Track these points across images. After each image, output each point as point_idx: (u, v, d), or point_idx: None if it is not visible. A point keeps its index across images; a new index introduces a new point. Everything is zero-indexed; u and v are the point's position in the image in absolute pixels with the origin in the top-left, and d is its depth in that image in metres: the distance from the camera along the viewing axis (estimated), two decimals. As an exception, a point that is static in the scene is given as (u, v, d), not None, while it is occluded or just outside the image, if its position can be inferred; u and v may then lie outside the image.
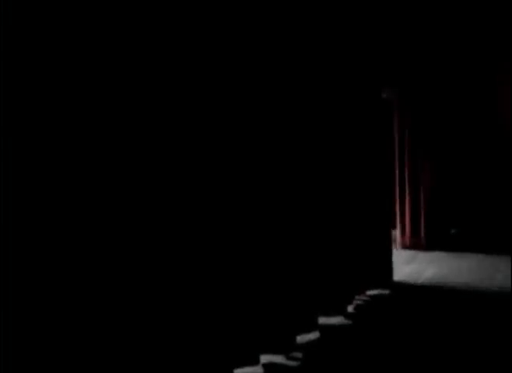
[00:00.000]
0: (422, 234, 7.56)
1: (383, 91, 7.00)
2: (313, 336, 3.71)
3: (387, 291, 4.86)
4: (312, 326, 3.67)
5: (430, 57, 7.48)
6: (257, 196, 3.19)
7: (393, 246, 7.51)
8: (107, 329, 2.30)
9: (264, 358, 3.33)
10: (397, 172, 7.58)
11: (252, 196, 3.15)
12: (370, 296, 4.69)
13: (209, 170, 2.86)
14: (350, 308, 4.32)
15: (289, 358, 3.31)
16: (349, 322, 3.97)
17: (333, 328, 3.86)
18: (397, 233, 7.62)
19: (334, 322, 4.01)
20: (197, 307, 2.78)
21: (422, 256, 6.74)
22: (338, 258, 4.09)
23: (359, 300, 4.57)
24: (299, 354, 3.36)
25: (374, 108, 4.72)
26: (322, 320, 4.06)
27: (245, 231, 3.09)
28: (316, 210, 3.80)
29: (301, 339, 3.65)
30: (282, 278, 3.37)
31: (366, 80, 4.59)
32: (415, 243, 7.55)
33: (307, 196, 3.70)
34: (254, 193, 3.17)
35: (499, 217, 7.52)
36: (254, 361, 3.12)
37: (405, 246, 7.53)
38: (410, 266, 6.11)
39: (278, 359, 3.31)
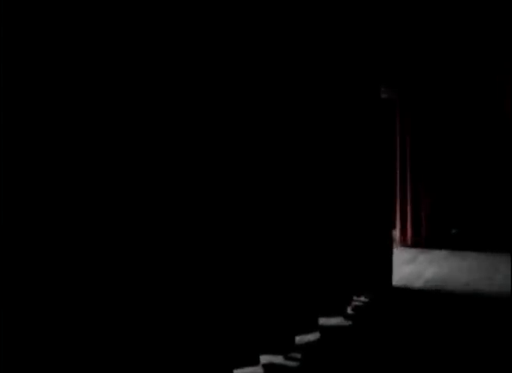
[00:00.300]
0: (423, 233, 7.58)
1: (384, 91, 7.00)
2: (313, 336, 3.73)
3: (386, 292, 4.88)
4: (312, 327, 3.70)
5: (431, 58, 7.48)
6: (258, 198, 3.21)
7: (394, 245, 7.53)
8: (107, 330, 2.32)
9: (264, 358, 3.35)
10: (398, 171, 7.60)
11: (253, 197, 3.17)
12: (370, 297, 4.71)
13: (211, 171, 2.88)
14: (349, 310, 4.34)
15: (289, 358, 3.33)
16: (349, 323, 4.00)
17: (333, 329, 3.88)
18: (398, 232, 7.64)
19: (333, 322, 4.03)
20: (197, 307, 2.80)
21: (423, 256, 6.76)
22: (338, 260, 4.11)
23: (358, 301, 4.59)
24: (299, 355, 3.38)
25: (373, 107, 4.72)
26: (322, 321, 4.08)
27: (246, 233, 3.11)
28: (316, 212, 3.82)
29: (301, 339, 3.68)
30: (282, 279, 3.39)
31: (364, 79, 4.58)
32: (416, 242, 7.57)
33: (309, 199, 3.72)
34: (256, 194, 3.19)
35: (498, 216, 7.53)
36: (254, 362, 3.14)
37: (406, 245, 7.55)
38: (410, 266, 6.13)
39: (278, 359, 3.33)
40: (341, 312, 4.11)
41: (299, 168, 3.63)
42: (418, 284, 5.21)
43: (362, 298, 4.64)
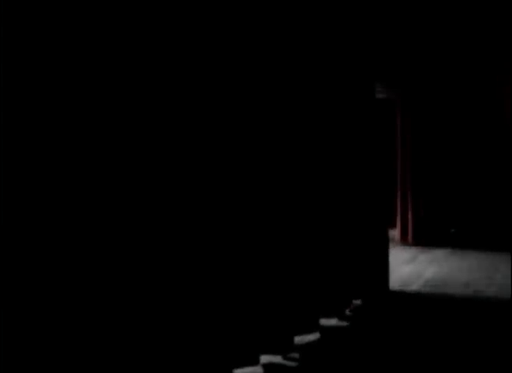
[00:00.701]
0: (424, 232, 7.60)
1: (385, 91, 7.00)
2: (313, 336, 3.75)
3: (384, 294, 4.90)
4: (312, 328, 3.72)
5: (431, 58, 7.49)
6: (259, 200, 3.23)
7: (395, 245, 7.54)
8: (107, 330, 2.33)
9: (265, 358, 3.38)
10: (399, 171, 7.62)
11: (254, 200, 3.19)
12: (369, 298, 4.73)
13: (211, 172, 2.90)
14: (348, 311, 4.35)
15: (289, 358, 3.35)
16: (347, 324, 4.02)
17: (331, 329, 3.90)
18: (398, 231, 7.66)
19: (332, 323, 4.05)
20: (198, 307, 2.81)
21: (423, 256, 6.78)
22: (337, 262, 4.13)
23: (356, 303, 4.60)
24: (299, 355, 3.41)
25: (367, 105, 4.64)
26: (321, 322, 4.10)
27: (248, 235, 3.13)
28: (315, 214, 3.84)
29: (301, 339, 3.70)
30: (282, 280, 3.41)
31: (357, 77, 4.47)
32: (416, 241, 7.59)
33: (309, 202, 3.73)
34: (257, 197, 3.21)
35: (499, 215, 7.54)
36: (254, 361, 3.16)
37: (406, 244, 7.57)
38: (410, 265, 6.15)
39: (279, 359, 3.35)
40: (339, 314, 4.13)
41: (296, 171, 3.64)
42: (418, 283, 5.23)
43: (360, 300, 4.65)
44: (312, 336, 3.76)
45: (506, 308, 4.33)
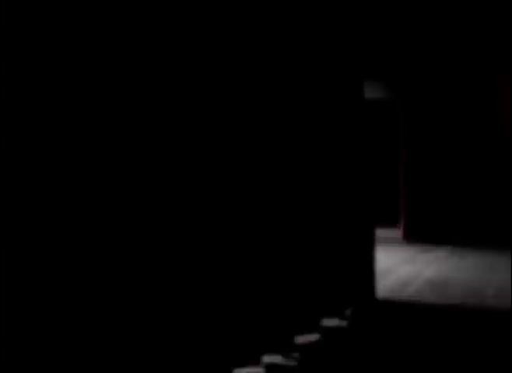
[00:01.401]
0: (424, 232, 7.64)
1: (386, 92, 7.03)
2: (313, 337, 3.80)
3: (373, 297, 4.93)
4: (314, 328, 3.76)
5: (432, 60, 7.52)
6: (259, 202, 3.25)
7: (397, 244, 7.59)
8: (107, 330, 2.35)
9: (266, 358, 3.42)
10: (401, 170, 7.65)
11: (255, 202, 3.21)
12: (365, 302, 4.77)
13: (199, 175, 2.91)
14: (347, 312, 4.40)
15: (290, 358, 3.40)
16: (346, 324, 4.06)
17: (332, 330, 3.95)
18: (401, 231, 7.70)
19: (332, 324, 4.10)
20: (200, 308, 2.84)
21: (423, 255, 6.80)
22: (332, 270, 4.14)
23: (355, 305, 4.64)
24: (300, 354, 3.46)
25: (353, 105, 4.48)
26: (322, 322, 4.15)
27: (250, 238, 3.16)
28: (317, 224, 3.87)
29: (302, 339, 3.75)
30: (284, 282, 3.44)
31: (343, 75, 4.36)
32: (417, 241, 7.64)
33: (310, 207, 3.76)
34: (257, 198, 3.24)
35: (498, 215, 7.57)
36: (256, 361, 3.20)
37: (407, 243, 7.62)
38: (410, 265, 6.18)
39: (280, 359, 3.40)
40: (339, 315, 4.17)
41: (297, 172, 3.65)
42: (417, 283, 5.25)
43: (359, 302, 4.69)
44: (312, 337, 3.81)
45: (506, 308, 4.35)
